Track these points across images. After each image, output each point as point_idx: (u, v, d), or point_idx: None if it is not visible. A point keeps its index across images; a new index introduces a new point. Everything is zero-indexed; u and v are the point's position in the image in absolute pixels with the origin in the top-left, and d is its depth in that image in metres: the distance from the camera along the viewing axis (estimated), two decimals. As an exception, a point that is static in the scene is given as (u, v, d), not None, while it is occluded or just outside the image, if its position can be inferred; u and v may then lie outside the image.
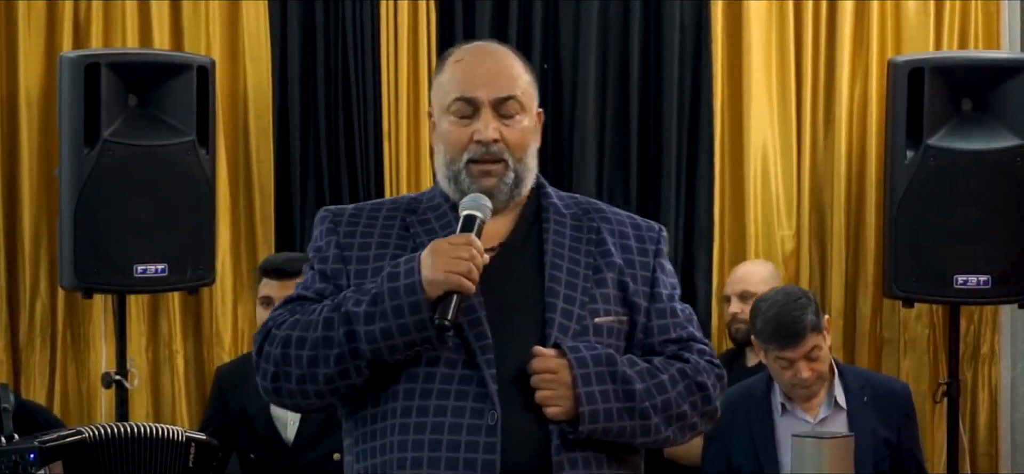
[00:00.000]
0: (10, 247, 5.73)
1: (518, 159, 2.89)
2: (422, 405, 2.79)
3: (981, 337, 6.03)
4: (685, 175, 5.99)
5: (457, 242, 2.76)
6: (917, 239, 5.39)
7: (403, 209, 2.95)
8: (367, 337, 2.75)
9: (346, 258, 2.90)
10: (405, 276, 2.75)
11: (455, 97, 2.89)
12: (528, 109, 2.92)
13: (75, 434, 4.38)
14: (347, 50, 5.85)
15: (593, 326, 2.85)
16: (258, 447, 5.06)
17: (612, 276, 2.90)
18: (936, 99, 5.38)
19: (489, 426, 2.75)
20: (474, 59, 2.94)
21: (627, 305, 2.91)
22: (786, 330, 4.63)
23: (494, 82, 2.88)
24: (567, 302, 2.85)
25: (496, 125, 2.87)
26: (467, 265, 2.73)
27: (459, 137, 2.88)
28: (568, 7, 5.94)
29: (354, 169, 5.87)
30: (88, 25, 5.74)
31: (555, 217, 2.94)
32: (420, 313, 2.73)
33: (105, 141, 5.21)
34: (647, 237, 2.99)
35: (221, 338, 5.80)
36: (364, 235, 2.92)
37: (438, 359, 2.79)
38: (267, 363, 2.85)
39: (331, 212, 2.97)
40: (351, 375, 2.79)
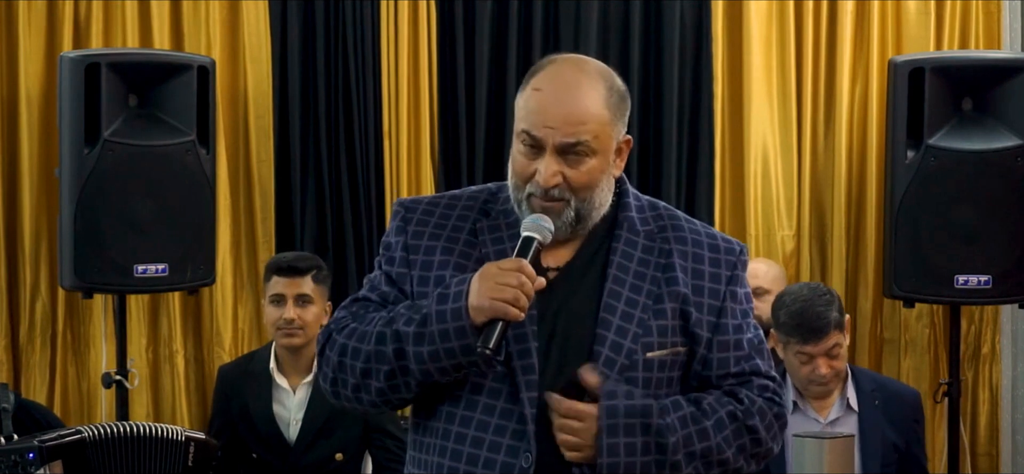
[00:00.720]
0: (10, 247, 5.73)
1: (582, 199, 2.78)
2: (461, 433, 2.78)
3: (982, 337, 6.03)
4: (685, 175, 5.99)
5: (506, 268, 2.71)
6: (917, 239, 5.39)
7: (478, 209, 2.89)
8: (416, 358, 2.75)
9: (412, 262, 2.87)
10: (453, 300, 2.72)
11: (523, 128, 2.78)
12: (599, 151, 2.77)
13: (74, 434, 4.39)
14: (347, 50, 5.84)
15: (643, 361, 2.78)
16: (260, 446, 5.06)
17: (674, 306, 2.81)
18: (936, 99, 5.38)
19: (523, 468, 2.73)
20: (550, 91, 2.78)
21: (687, 334, 2.82)
22: (810, 324, 4.62)
23: (562, 126, 2.75)
24: (619, 335, 2.77)
25: (557, 168, 2.75)
26: (514, 292, 2.67)
27: (524, 169, 2.79)
28: (568, 7, 5.94)
29: (354, 169, 5.86)
30: (88, 25, 5.74)
31: (628, 235, 2.85)
32: (465, 338, 2.70)
33: (105, 141, 5.21)
34: (724, 260, 2.87)
35: (221, 338, 5.80)
36: (432, 237, 2.88)
37: (482, 387, 2.77)
38: (327, 367, 2.88)
39: (405, 205, 2.94)
40: (401, 390, 2.80)
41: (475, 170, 5.91)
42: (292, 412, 5.04)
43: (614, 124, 2.81)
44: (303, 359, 5.05)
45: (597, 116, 2.77)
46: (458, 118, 5.91)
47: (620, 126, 2.83)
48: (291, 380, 5.06)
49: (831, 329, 4.61)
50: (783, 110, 5.98)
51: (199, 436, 4.64)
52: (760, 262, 5.73)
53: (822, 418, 4.74)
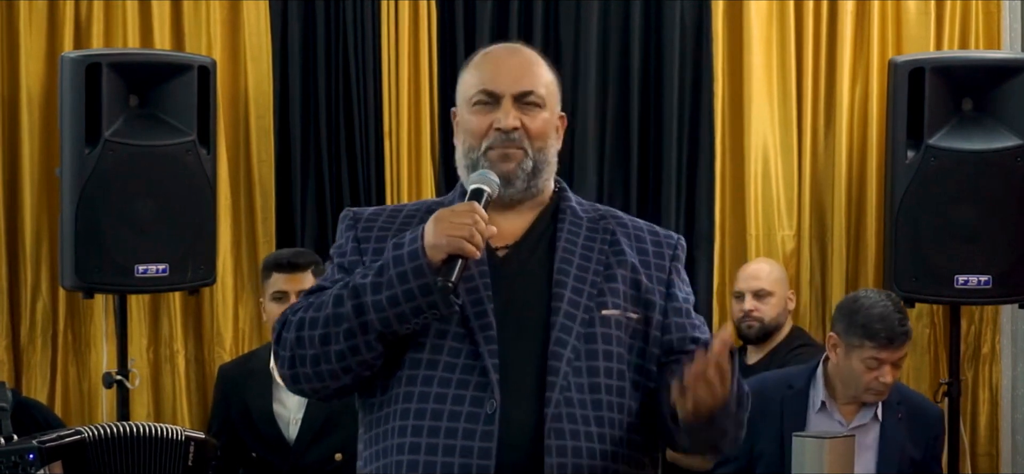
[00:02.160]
0: (11, 247, 5.74)
1: (537, 149, 2.93)
2: (424, 392, 2.81)
3: (982, 337, 6.03)
4: (686, 175, 5.99)
5: (460, 209, 2.81)
6: (918, 239, 5.39)
7: (424, 211, 2.97)
8: (375, 306, 2.77)
9: (363, 250, 2.93)
10: (409, 243, 2.79)
11: (478, 90, 2.93)
12: (549, 106, 2.96)
13: (74, 434, 4.39)
14: (348, 50, 5.85)
15: (599, 318, 2.88)
16: (260, 446, 5.06)
17: (624, 273, 2.93)
18: (937, 99, 5.38)
19: (487, 415, 2.77)
20: (499, 55, 3.00)
21: (640, 303, 2.93)
22: (891, 332, 4.60)
23: (517, 77, 2.93)
24: (575, 293, 2.87)
25: (517, 114, 2.91)
26: (469, 229, 2.75)
27: (480, 125, 2.92)
28: (568, 7, 5.94)
29: (355, 169, 5.87)
30: (89, 25, 5.74)
31: (571, 218, 2.97)
32: (424, 277, 2.75)
33: (106, 141, 5.22)
34: (664, 243, 3.02)
35: (222, 338, 5.80)
36: (382, 228, 2.96)
37: (442, 347, 2.82)
38: (284, 349, 2.87)
39: (352, 212, 3.02)
40: (362, 350, 2.80)
41: (475, 170, 5.90)
42: (292, 412, 5.05)
43: (556, 89, 3.01)
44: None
45: (545, 73, 2.98)
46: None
47: (558, 98, 3.01)
48: (292, 380, 5.07)
49: (907, 340, 4.63)
50: (783, 110, 5.98)
51: (199, 436, 4.64)
52: (763, 262, 5.73)
53: (847, 422, 4.72)
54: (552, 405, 2.80)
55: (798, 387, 4.78)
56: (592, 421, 2.83)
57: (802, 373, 4.82)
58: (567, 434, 2.80)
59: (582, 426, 2.82)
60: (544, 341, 2.84)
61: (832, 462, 4.07)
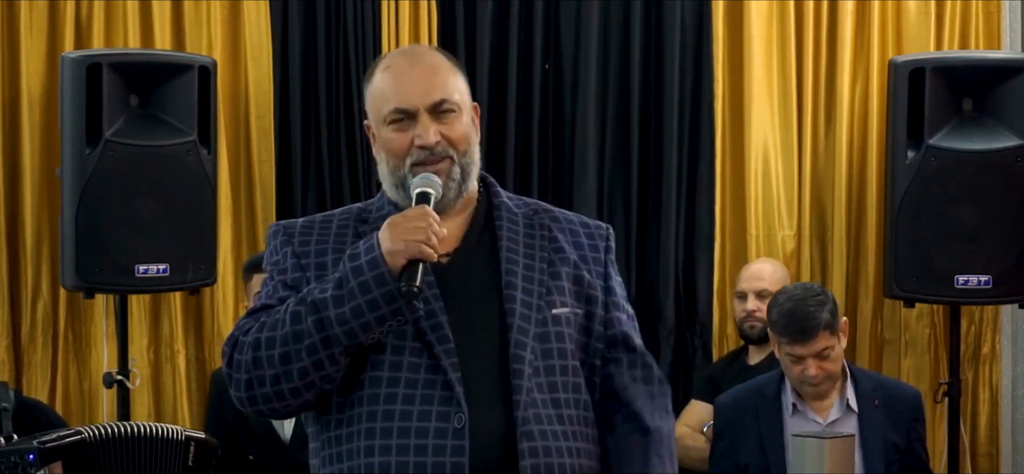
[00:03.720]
0: (12, 247, 5.73)
1: (462, 153, 2.90)
2: (388, 410, 2.79)
3: (982, 337, 6.03)
4: (686, 175, 5.99)
5: (412, 214, 2.78)
6: (918, 239, 5.39)
7: (354, 219, 2.96)
8: (338, 320, 2.74)
9: (304, 265, 2.89)
10: (366, 253, 2.76)
11: (392, 108, 2.90)
12: (464, 107, 2.93)
13: (75, 434, 4.39)
14: (348, 50, 5.85)
15: (551, 317, 2.88)
16: (256, 447, 5.06)
17: (567, 270, 2.94)
18: (937, 99, 5.38)
19: (456, 428, 2.75)
20: (404, 68, 2.94)
21: (583, 298, 2.94)
22: (799, 325, 4.61)
23: (427, 89, 2.89)
24: (525, 294, 2.88)
25: (435, 127, 2.88)
26: (425, 232, 2.74)
27: (401, 144, 2.89)
28: (569, 7, 5.94)
29: (355, 169, 5.87)
30: (90, 25, 5.74)
31: (508, 216, 2.97)
32: (386, 285, 2.73)
33: (107, 141, 5.22)
34: (597, 235, 3.03)
35: (222, 338, 5.78)
36: (319, 242, 2.92)
37: (401, 363, 2.80)
38: (239, 371, 2.82)
39: (282, 226, 2.98)
40: (325, 365, 2.76)
41: (475, 170, 5.91)
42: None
43: (464, 86, 2.97)
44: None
45: (449, 75, 2.94)
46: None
47: (468, 91, 2.98)
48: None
49: (820, 331, 4.60)
50: (783, 110, 5.98)
51: (199, 436, 4.64)
52: (765, 263, 5.73)
53: (822, 419, 4.73)
54: (520, 408, 2.80)
55: (770, 393, 4.79)
56: (555, 419, 2.84)
57: (771, 380, 4.83)
58: (536, 435, 2.80)
59: (548, 425, 2.83)
60: (502, 345, 2.84)
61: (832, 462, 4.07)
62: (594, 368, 2.95)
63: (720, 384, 5.36)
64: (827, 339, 4.62)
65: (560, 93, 5.98)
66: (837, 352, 4.67)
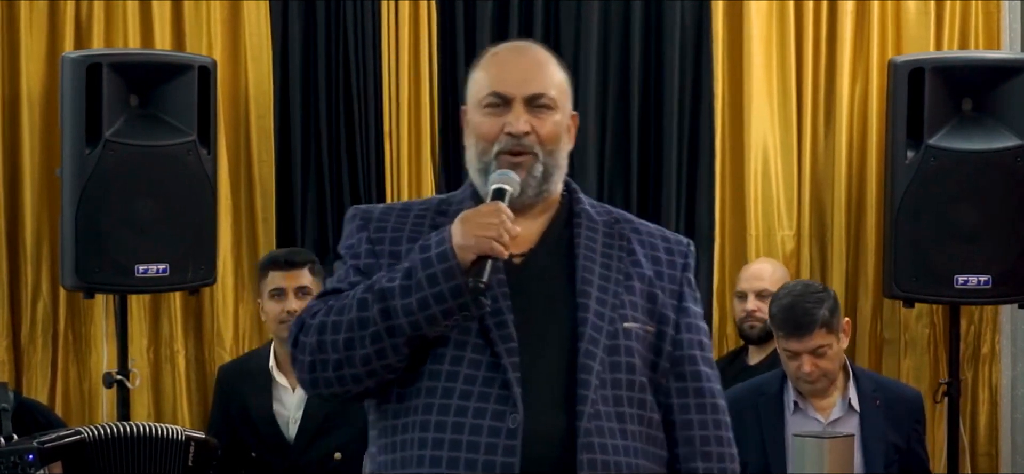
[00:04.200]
0: (12, 247, 5.74)
1: (548, 152, 2.89)
2: (444, 404, 2.77)
3: (981, 337, 6.03)
4: (685, 175, 5.99)
5: (485, 209, 2.77)
6: (917, 239, 5.39)
7: (433, 210, 2.95)
8: (404, 310, 2.73)
9: (378, 252, 2.89)
10: (436, 246, 2.75)
11: (488, 92, 2.90)
12: (560, 108, 2.93)
13: (74, 434, 4.40)
14: (348, 50, 5.85)
15: (622, 331, 2.86)
16: (260, 446, 5.07)
17: (641, 286, 2.90)
18: (936, 99, 5.38)
19: (510, 429, 2.74)
20: (509, 56, 2.95)
21: (655, 316, 2.91)
22: (795, 320, 4.62)
23: (527, 79, 2.90)
24: (599, 304, 2.84)
25: (527, 118, 2.87)
26: (497, 229, 2.73)
27: (491, 129, 2.89)
28: (568, 7, 5.94)
29: (355, 169, 5.87)
30: (90, 25, 5.74)
31: (587, 222, 2.94)
32: (454, 279, 2.71)
33: (107, 141, 5.22)
34: (676, 251, 2.99)
35: (222, 338, 5.81)
36: (395, 229, 2.92)
37: (462, 359, 2.79)
38: (303, 353, 2.83)
39: (361, 210, 2.98)
40: (388, 354, 2.76)
41: (475, 170, 5.91)
42: (291, 411, 5.05)
43: (568, 89, 2.98)
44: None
45: (555, 73, 2.95)
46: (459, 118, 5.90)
47: (570, 97, 2.99)
48: (290, 379, 5.07)
49: (817, 328, 4.60)
50: (783, 110, 5.98)
51: (199, 436, 4.64)
52: (765, 263, 5.73)
53: (823, 418, 4.73)
54: (584, 419, 2.77)
55: (771, 392, 4.79)
56: (618, 433, 2.81)
57: (773, 378, 4.83)
58: (597, 447, 2.77)
59: (610, 439, 2.79)
60: (570, 351, 2.81)
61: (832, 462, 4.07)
62: (660, 388, 2.91)
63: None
64: (824, 337, 4.62)
65: (560, 93, 5.97)
66: (834, 351, 4.66)
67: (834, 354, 4.67)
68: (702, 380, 2.94)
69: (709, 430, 2.93)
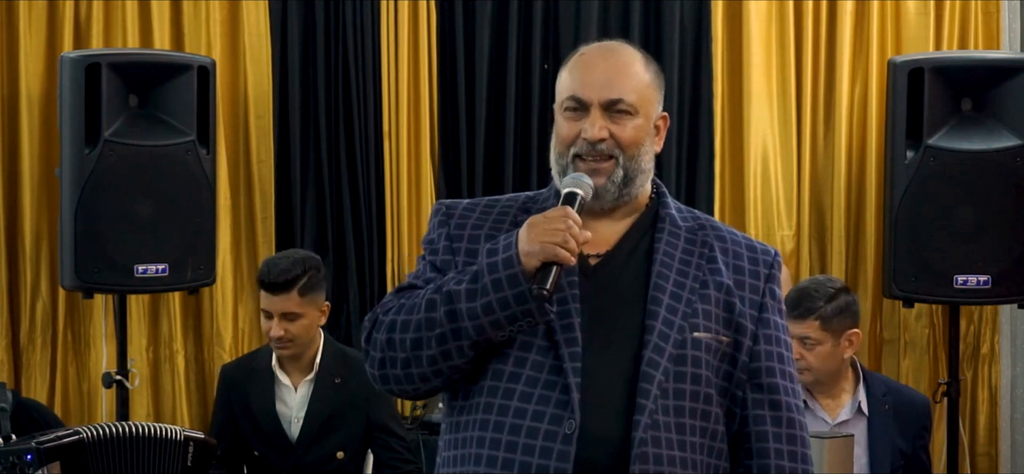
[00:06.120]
0: (11, 247, 5.74)
1: (629, 156, 2.86)
2: (504, 404, 2.77)
3: (981, 337, 6.03)
4: (685, 175, 6.00)
5: (553, 214, 2.75)
6: (917, 239, 5.39)
7: (518, 207, 2.94)
8: (469, 314, 2.73)
9: (455, 249, 2.89)
10: (503, 250, 2.74)
11: (568, 95, 2.88)
12: (643, 112, 2.89)
13: (73, 435, 4.39)
14: (347, 50, 5.85)
15: (691, 340, 2.81)
16: (262, 444, 5.06)
17: (718, 295, 2.86)
18: (936, 99, 5.38)
19: (566, 434, 2.72)
20: (593, 58, 2.92)
21: (732, 327, 2.86)
22: (794, 301, 4.62)
23: (606, 83, 2.86)
24: (669, 313, 2.81)
25: (604, 123, 2.84)
26: (563, 235, 2.70)
27: (569, 132, 2.87)
28: (568, 7, 5.94)
29: (354, 169, 5.87)
30: (89, 25, 5.75)
31: (670, 227, 2.90)
32: (519, 285, 2.70)
33: (106, 141, 5.22)
34: (761, 261, 2.93)
35: (221, 338, 5.81)
36: (475, 227, 2.91)
37: (526, 360, 2.78)
38: (374, 349, 2.84)
39: (445, 205, 2.98)
40: (453, 356, 2.77)
41: (475, 171, 5.91)
42: (294, 410, 5.05)
43: (653, 90, 2.93)
44: (304, 358, 5.05)
45: (638, 76, 2.90)
46: (458, 118, 5.92)
47: (659, 99, 2.95)
48: (293, 378, 5.07)
49: (810, 318, 4.60)
50: (783, 110, 5.98)
51: (198, 436, 4.64)
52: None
53: (831, 418, 4.72)
54: (640, 428, 2.74)
55: None
56: (676, 445, 2.77)
57: None
58: (651, 458, 2.74)
59: (666, 450, 2.76)
60: (635, 357, 2.79)
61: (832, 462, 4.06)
62: (735, 399, 2.87)
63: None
64: (815, 330, 4.61)
65: (560, 93, 5.97)
66: (823, 350, 4.63)
67: (822, 353, 4.64)
68: (780, 393, 2.89)
69: (783, 444, 2.88)
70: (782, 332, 2.92)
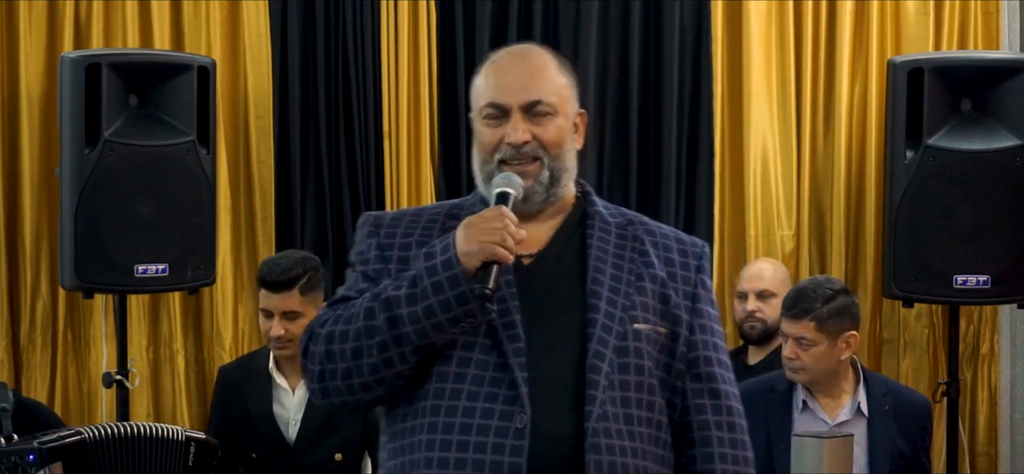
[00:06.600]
0: (11, 247, 5.74)
1: (553, 156, 2.89)
2: (452, 405, 2.78)
3: (981, 337, 6.03)
4: (685, 175, 6.00)
5: (489, 214, 2.77)
6: (917, 239, 5.39)
7: (444, 214, 2.96)
8: (410, 319, 2.74)
9: (387, 258, 2.90)
10: (441, 253, 2.76)
11: (486, 102, 2.90)
12: (562, 111, 2.91)
13: (74, 435, 4.39)
14: (347, 50, 5.85)
15: (632, 332, 2.85)
16: (260, 446, 5.06)
17: (654, 287, 2.90)
18: (936, 99, 5.38)
19: (517, 429, 2.74)
20: (506, 64, 2.94)
21: (668, 318, 2.90)
22: (792, 300, 4.66)
23: (524, 87, 2.88)
24: (609, 305, 2.84)
25: (526, 126, 2.87)
26: (501, 233, 2.73)
27: (491, 139, 2.89)
28: (568, 7, 5.94)
29: (354, 169, 5.87)
30: (89, 25, 5.75)
31: (600, 224, 2.94)
32: (459, 286, 2.72)
33: (106, 141, 5.22)
34: (690, 253, 2.98)
35: (221, 338, 5.81)
36: (405, 235, 2.92)
37: (470, 360, 2.79)
38: (313, 363, 2.84)
39: (372, 216, 2.99)
40: (396, 362, 2.77)
41: (475, 170, 5.91)
42: (292, 412, 5.04)
43: (570, 89, 2.95)
44: (303, 360, 5.04)
45: (554, 77, 2.92)
46: (458, 118, 5.92)
47: (575, 96, 2.97)
48: (291, 380, 5.06)
49: (806, 318, 4.62)
50: (783, 110, 5.99)
51: (199, 436, 4.64)
52: (766, 263, 5.73)
53: (830, 419, 4.73)
54: (592, 419, 2.76)
55: (781, 390, 4.79)
56: (626, 435, 2.81)
57: (783, 376, 4.83)
58: (604, 448, 2.77)
59: (618, 440, 2.79)
60: (580, 353, 2.81)
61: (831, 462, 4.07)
62: (675, 389, 2.90)
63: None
64: (811, 331, 4.62)
65: (559, 93, 5.97)
66: (820, 352, 4.64)
67: (817, 353, 4.65)
68: (718, 382, 2.94)
69: (724, 432, 2.93)
70: (715, 321, 2.98)
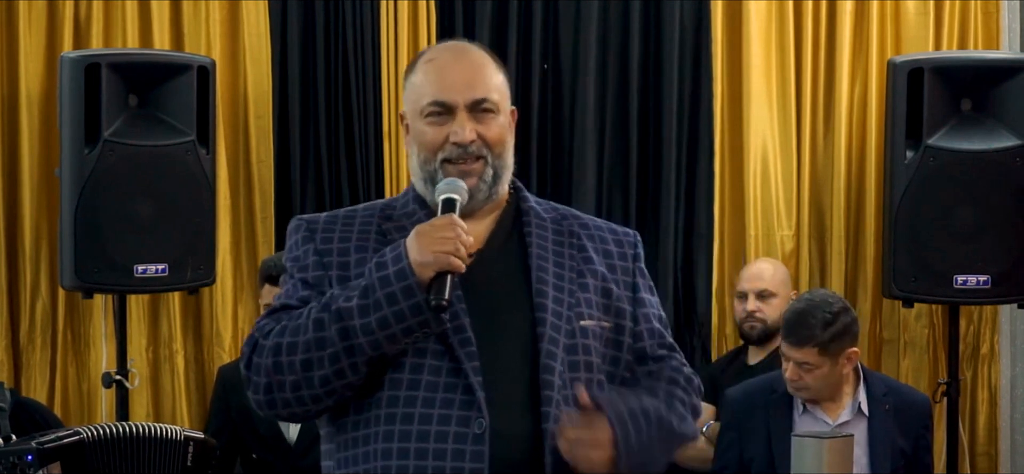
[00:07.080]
0: (11, 247, 5.74)
1: (496, 155, 2.87)
2: (407, 413, 2.74)
3: (981, 337, 6.03)
4: (685, 175, 6.00)
5: (440, 223, 2.74)
6: (917, 239, 5.39)
7: (378, 215, 2.92)
8: (363, 330, 2.70)
9: (326, 264, 2.85)
10: (393, 263, 2.71)
11: (430, 100, 2.85)
12: (503, 109, 2.89)
13: (73, 435, 4.39)
14: (347, 50, 5.85)
15: (579, 329, 2.84)
16: (260, 447, 5.06)
17: (595, 282, 2.89)
18: (936, 99, 5.38)
19: (476, 434, 2.71)
20: (447, 61, 2.90)
21: (611, 311, 2.90)
22: (792, 328, 4.64)
23: (469, 84, 2.85)
24: (556, 303, 2.83)
25: (472, 125, 2.84)
26: (454, 243, 2.69)
27: (435, 138, 2.85)
28: (568, 7, 5.94)
29: (354, 169, 5.87)
30: (89, 25, 5.75)
31: (536, 220, 2.93)
32: (414, 297, 2.68)
33: (106, 141, 5.22)
34: (625, 243, 2.99)
35: (221, 338, 5.81)
36: (342, 240, 2.88)
37: (422, 366, 2.76)
38: (258, 375, 2.78)
39: (305, 221, 2.93)
40: (347, 374, 2.73)
41: (475, 170, 5.91)
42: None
43: (506, 87, 2.93)
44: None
45: (494, 75, 2.90)
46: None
47: (509, 93, 2.95)
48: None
49: (808, 345, 4.61)
50: (783, 110, 5.99)
51: (198, 436, 4.64)
52: (766, 263, 5.72)
53: (831, 420, 4.73)
54: (550, 419, 2.75)
55: (781, 390, 4.79)
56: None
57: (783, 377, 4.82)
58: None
59: None
60: (532, 354, 2.79)
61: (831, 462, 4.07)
62: (624, 382, 2.90)
63: (719, 384, 5.37)
64: (814, 356, 4.62)
65: (559, 93, 5.98)
66: (822, 373, 4.64)
67: (821, 376, 4.65)
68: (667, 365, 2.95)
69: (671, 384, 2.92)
70: (656, 308, 2.99)
